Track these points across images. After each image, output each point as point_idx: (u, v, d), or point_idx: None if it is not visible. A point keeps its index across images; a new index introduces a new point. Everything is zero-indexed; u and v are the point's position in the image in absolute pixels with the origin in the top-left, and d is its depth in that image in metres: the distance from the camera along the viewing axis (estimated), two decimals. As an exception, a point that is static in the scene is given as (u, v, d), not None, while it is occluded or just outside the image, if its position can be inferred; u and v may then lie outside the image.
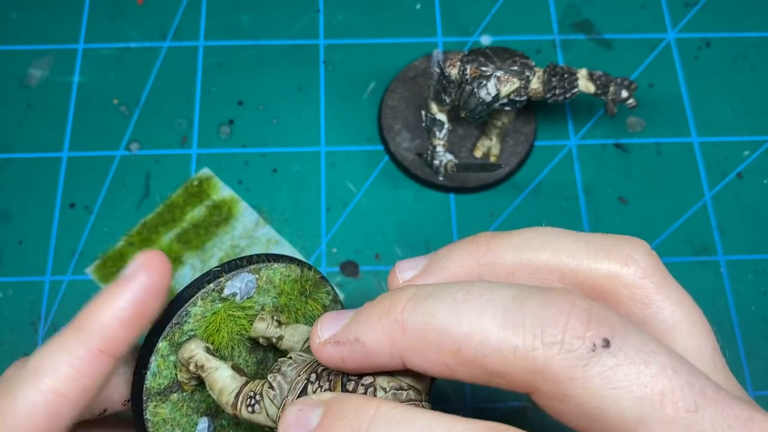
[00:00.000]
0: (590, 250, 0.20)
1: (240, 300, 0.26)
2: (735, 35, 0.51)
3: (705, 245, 0.44)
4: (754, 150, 0.47)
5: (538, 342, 0.16)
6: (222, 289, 0.25)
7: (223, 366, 0.25)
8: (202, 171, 0.45)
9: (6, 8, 0.50)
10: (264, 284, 0.26)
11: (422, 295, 0.18)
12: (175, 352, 0.25)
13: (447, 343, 0.17)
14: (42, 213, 0.44)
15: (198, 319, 0.25)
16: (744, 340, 0.42)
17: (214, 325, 0.26)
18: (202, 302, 0.25)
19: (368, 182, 0.45)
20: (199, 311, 0.25)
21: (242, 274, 0.25)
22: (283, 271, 0.27)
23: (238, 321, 0.26)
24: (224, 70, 0.49)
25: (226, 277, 0.25)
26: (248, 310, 0.26)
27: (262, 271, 0.26)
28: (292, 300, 0.28)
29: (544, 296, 0.17)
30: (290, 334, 0.26)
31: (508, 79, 0.39)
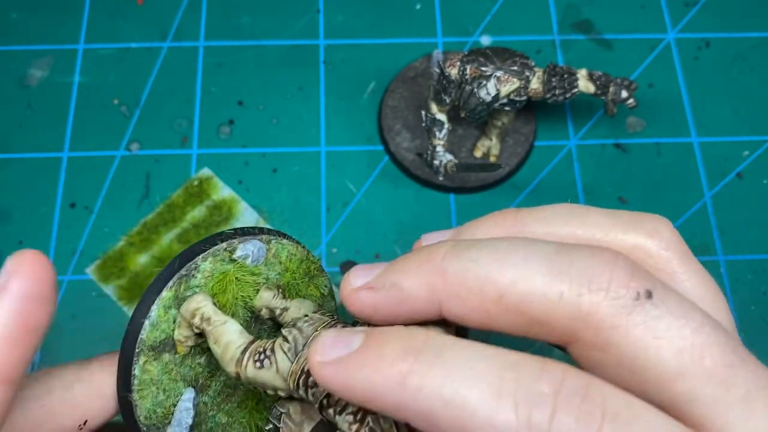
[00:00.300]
0: (617, 223, 0.20)
1: (251, 264, 0.25)
2: (735, 35, 0.51)
3: (705, 245, 0.44)
4: (754, 150, 0.47)
5: (584, 288, 0.16)
6: (234, 250, 0.24)
7: (231, 320, 0.24)
8: (203, 171, 0.45)
9: (6, 8, 0.50)
10: (271, 257, 0.26)
11: (464, 244, 0.18)
12: (177, 306, 0.24)
13: (489, 290, 0.17)
14: (42, 213, 0.44)
15: (206, 275, 0.24)
16: (744, 341, 0.42)
17: (221, 284, 0.25)
18: (213, 259, 0.24)
19: (368, 182, 0.46)
20: (209, 267, 0.24)
21: (254, 240, 0.25)
22: (291, 249, 0.26)
23: (245, 286, 0.25)
24: (224, 70, 0.49)
25: (239, 240, 0.24)
26: (257, 276, 0.26)
27: (272, 243, 0.25)
28: (297, 279, 0.27)
29: (589, 250, 0.17)
30: (296, 307, 0.25)
31: (508, 79, 0.39)
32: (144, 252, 0.43)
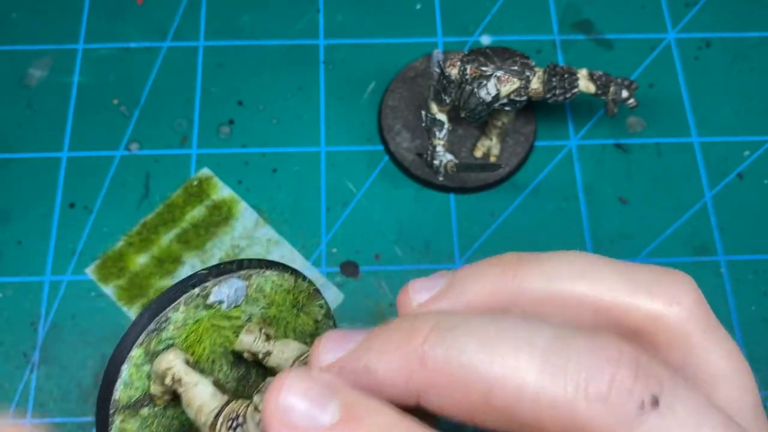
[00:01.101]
0: (630, 285, 0.18)
1: (226, 308, 0.24)
2: (735, 35, 0.51)
3: (705, 245, 0.44)
4: (755, 150, 0.47)
5: (581, 393, 0.14)
6: (208, 294, 0.23)
7: (203, 381, 0.23)
8: (202, 171, 0.45)
9: (6, 8, 0.50)
10: (254, 293, 0.24)
11: (447, 325, 0.15)
12: (150, 362, 0.23)
13: (476, 384, 0.15)
14: (41, 213, 0.44)
15: (179, 326, 0.23)
16: (744, 341, 0.42)
17: (196, 334, 0.23)
18: (185, 308, 0.23)
19: (368, 182, 0.45)
20: (181, 318, 0.23)
21: (231, 279, 0.23)
22: (276, 280, 0.25)
23: (222, 332, 0.24)
24: (224, 70, 0.49)
25: (213, 282, 0.23)
26: (234, 320, 0.24)
27: (253, 278, 0.24)
28: (283, 312, 0.25)
29: (590, 340, 0.15)
30: (279, 350, 0.24)
31: (508, 79, 0.39)
32: (144, 252, 0.42)
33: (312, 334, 0.27)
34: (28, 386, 0.39)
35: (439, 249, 0.44)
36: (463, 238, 0.44)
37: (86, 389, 0.39)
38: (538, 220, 0.45)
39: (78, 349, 0.40)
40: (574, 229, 0.44)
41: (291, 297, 0.26)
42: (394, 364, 0.15)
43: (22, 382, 0.39)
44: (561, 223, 0.45)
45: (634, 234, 0.44)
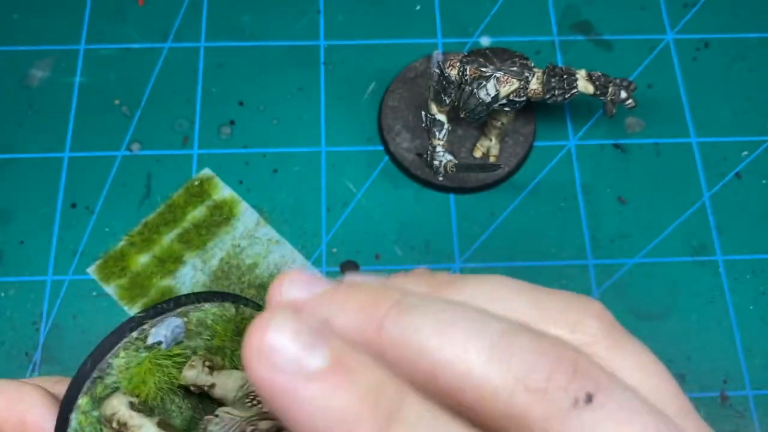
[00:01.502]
0: (537, 314, 0.19)
1: (167, 347, 0.24)
2: (734, 36, 0.51)
3: (703, 245, 0.44)
4: (753, 150, 0.47)
5: (520, 386, 0.15)
6: (146, 337, 0.23)
7: (147, 424, 0.23)
8: (203, 171, 0.46)
9: (7, 9, 0.50)
10: (194, 327, 0.25)
11: (408, 304, 0.16)
12: (99, 408, 0.23)
13: (424, 365, 0.15)
14: (43, 213, 0.44)
15: (122, 370, 0.23)
16: (742, 340, 0.42)
17: (139, 376, 0.24)
18: (125, 352, 0.23)
19: (368, 182, 0.46)
20: (123, 362, 0.23)
21: (168, 319, 0.24)
22: (216, 311, 0.25)
23: (165, 370, 0.24)
24: (225, 70, 0.49)
25: (150, 324, 0.23)
26: (177, 357, 0.25)
27: (191, 314, 0.24)
28: (226, 342, 0.26)
29: (536, 339, 0.16)
30: (222, 382, 0.25)
31: (507, 79, 0.39)
32: (145, 252, 0.43)
33: None
34: (30, 385, 0.39)
35: (438, 249, 0.44)
36: (463, 238, 0.44)
37: (88, 388, 0.39)
38: (537, 220, 0.45)
39: (79, 348, 0.41)
40: (573, 229, 0.45)
41: (232, 326, 0.26)
42: (353, 324, 0.16)
43: (24, 381, 0.40)
44: (560, 223, 0.45)
45: (633, 234, 0.44)
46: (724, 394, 0.41)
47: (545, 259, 0.44)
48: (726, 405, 0.40)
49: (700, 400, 0.40)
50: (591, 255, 0.44)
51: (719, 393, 0.41)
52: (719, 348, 0.42)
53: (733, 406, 0.40)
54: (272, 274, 0.43)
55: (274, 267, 0.43)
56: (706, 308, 0.43)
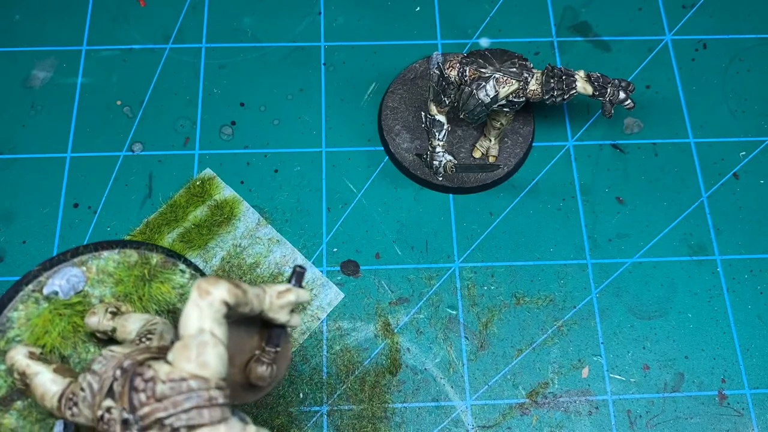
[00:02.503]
0: None
1: (65, 297, 0.24)
2: (731, 37, 0.51)
3: (701, 245, 0.45)
4: (751, 151, 0.47)
5: None
6: (42, 288, 0.24)
7: (43, 370, 0.23)
8: (205, 171, 0.46)
9: (10, 10, 0.51)
10: (96, 275, 0.25)
11: None
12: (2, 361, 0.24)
13: None
14: (46, 213, 0.44)
15: (23, 323, 0.24)
16: (740, 339, 0.42)
17: (41, 327, 0.24)
18: (24, 305, 0.24)
19: (368, 182, 0.46)
20: (23, 315, 0.24)
21: (64, 269, 0.24)
22: (116, 258, 0.25)
23: (68, 319, 0.25)
24: (226, 71, 0.49)
25: (46, 275, 0.24)
26: (78, 306, 0.25)
27: (90, 262, 0.25)
28: (129, 287, 0.26)
29: None
30: (121, 326, 0.25)
31: (506, 80, 0.39)
32: (146, 251, 0.43)
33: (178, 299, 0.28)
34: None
35: (438, 248, 0.44)
36: (462, 238, 0.44)
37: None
38: (536, 219, 0.45)
39: (82, 347, 0.41)
40: (572, 229, 0.45)
41: (137, 271, 0.26)
42: None
43: (27, 380, 0.40)
44: (559, 223, 0.45)
45: (631, 233, 0.45)
46: (722, 393, 0.41)
47: (544, 259, 0.44)
48: (724, 404, 0.41)
49: (698, 399, 0.41)
50: (589, 254, 0.44)
51: (717, 392, 0.41)
52: (717, 347, 0.42)
53: (731, 404, 0.41)
54: (273, 273, 0.43)
55: (275, 266, 0.43)
56: (704, 307, 0.43)
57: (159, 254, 0.26)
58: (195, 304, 0.20)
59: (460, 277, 0.43)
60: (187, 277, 0.28)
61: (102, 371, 0.22)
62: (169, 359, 0.20)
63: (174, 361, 0.20)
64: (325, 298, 0.42)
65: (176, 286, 0.27)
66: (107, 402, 0.21)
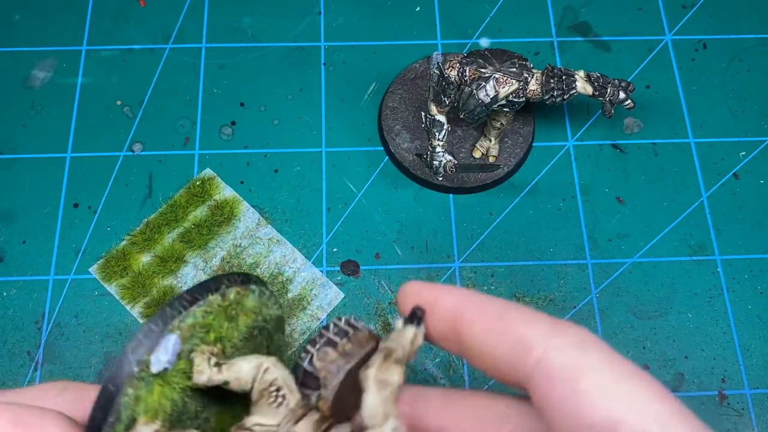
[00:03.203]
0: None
1: (172, 367, 0.24)
2: (731, 37, 0.51)
3: (701, 245, 0.45)
4: (751, 151, 0.47)
5: None
6: (149, 366, 0.23)
7: None
8: (205, 171, 0.46)
9: (10, 10, 0.51)
10: (188, 331, 0.25)
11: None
12: None
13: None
14: (46, 213, 0.44)
15: (133, 404, 0.23)
16: (740, 339, 0.42)
17: (154, 402, 0.24)
18: (132, 389, 0.23)
19: (368, 182, 0.46)
20: (132, 395, 0.23)
21: (163, 341, 0.24)
22: (205, 309, 0.25)
23: (177, 386, 0.25)
24: (226, 71, 0.49)
25: (146, 351, 0.23)
26: (182, 368, 0.25)
27: (183, 322, 0.24)
28: (222, 332, 0.26)
29: None
30: (234, 378, 0.25)
31: (506, 80, 0.39)
32: (146, 251, 0.43)
33: (261, 329, 0.28)
34: (32, 384, 0.40)
35: (438, 248, 0.44)
36: (462, 238, 0.44)
37: (90, 387, 0.40)
38: (536, 219, 0.45)
39: (81, 347, 0.41)
40: (572, 229, 0.45)
41: (222, 315, 0.26)
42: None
43: (26, 381, 0.40)
44: (559, 223, 0.45)
45: (631, 233, 0.45)
46: (722, 393, 0.41)
47: (544, 259, 0.44)
48: (724, 404, 0.41)
49: (698, 399, 0.41)
50: (589, 254, 0.44)
51: (717, 392, 0.41)
52: (717, 347, 0.42)
53: (731, 404, 0.41)
54: (273, 273, 0.43)
55: (274, 266, 0.43)
56: (704, 307, 0.43)
57: (235, 287, 0.26)
58: (376, 396, 0.23)
59: (460, 277, 0.43)
60: (257, 296, 0.27)
61: None
62: None
63: None
64: (325, 298, 0.42)
65: (254, 311, 0.27)
66: None
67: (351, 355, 0.25)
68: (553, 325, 0.22)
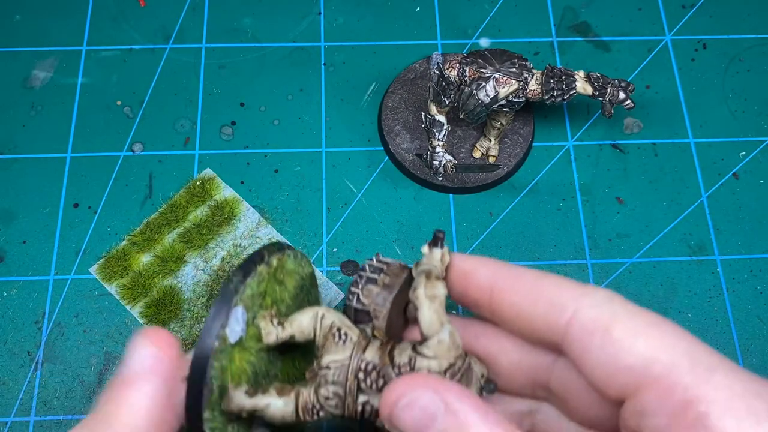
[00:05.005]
0: None
1: (244, 334, 0.27)
2: (731, 37, 0.51)
3: (701, 245, 0.45)
4: (750, 151, 0.47)
5: None
6: (226, 339, 0.26)
7: (272, 400, 0.26)
8: (205, 171, 0.46)
9: (10, 10, 0.51)
10: (249, 301, 0.27)
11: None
12: (220, 410, 0.26)
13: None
14: (46, 213, 0.44)
15: (222, 372, 0.26)
16: (740, 339, 0.42)
17: (237, 368, 0.27)
18: (218, 362, 0.26)
19: (368, 182, 0.46)
20: (218, 366, 0.26)
21: (232, 314, 0.26)
22: (256, 280, 0.28)
23: (252, 349, 0.27)
24: (226, 71, 0.49)
25: (221, 325, 0.26)
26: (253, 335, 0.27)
27: (242, 296, 0.27)
28: (276, 296, 0.29)
29: None
30: (298, 331, 0.28)
31: (506, 80, 0.39)
32: (147, 251, 0.43)
33: (302, 286, 0.31)
34: (32, 384, 0.40)
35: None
36: (462, 238, 0.44)
37: (89, 387, 0.40)
38: (536, 219, 0.45)
39: (81, 347, 0.41)
40: (572, 229, 0.45)
41: (273, 280, 0.29)
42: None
43: (26, 380, 0.40)
44: (558, 223, 0.45)
45: (631, 233, 0.45)
46: (721, 393, 0.41)
47: (544, 259, 0.44)
48: (724, 403, 0.41)
49: (697, 399, 0.41)
50: (589, 254, 0.44)
51: (717, 391, 0.41)
52: (717, 347, 0.42)
53: (730, 404, 0.41)
54: (273, 273, 0.43)
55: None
56: (703, 307, 0.43)
57: (275, 255, 0.29)
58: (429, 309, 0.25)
59: (460, 277, 0.43)
60: (293, 258, 0.30)
61: (340, 380, 0.26)
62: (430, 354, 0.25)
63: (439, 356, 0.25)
64: (325, 297, 0.42)
65: (296, 272, 0.30)
66: (362, 398, 0.26)
67: (391, 286, 0.29)
68: (582, 288, 0.25)
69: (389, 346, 0.27)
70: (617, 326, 0.24)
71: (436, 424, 0.22)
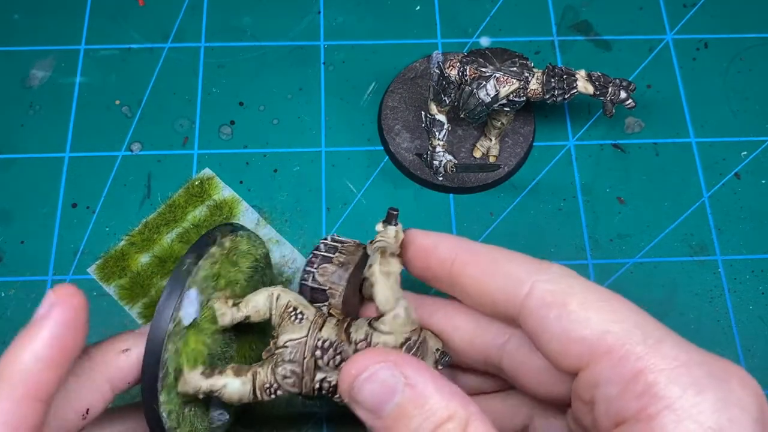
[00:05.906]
0: None
1: (199, 316, 0.27)
2: (733, 36, 0.51)
3: (703, 245, 0.44)
4: (752, 150, 0.47)
5: None
6: (180, 321, 0.26)
7: (229, 380, 0.27)
8: (204, 171, 0.46)
9: (8, 9, 0.51)
10: (202, 283, 0.27)
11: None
12: (176, 392, 0.26)
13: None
14: (44, 213, 0.44)
15: (177, 354, 0.26)
16: (741, 340, 0.42)
17: (193, 350, 0.27)
18: (172, 345, 0.26)
19: (368, 182, 0.46)
20: (172, 349, 0.26)
21: (185, 296, 0.26)
22: (208, 261, 0.28)
23: (207, 330, 0.27)
24: (225, 71, 0.49)
25: (175, 308, 0.26)
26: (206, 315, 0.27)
27: (195, 278, 0.27)
28: (229, 275, 0.29)
29: None
30: (253, 311, 0.28)
31: (507, 80, 0.39)
32: (145, 252, 0.43)
33: (257, 267, 0.31)
34: (31, 385, 0.40)
35: (438, 248, 0.44)
36: (463, 238, 0.44)
37: (88, 388, 0.40)
38: (536, 219, 0.45)
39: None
40: (573, 229, 0.45)
41: (226, 262, 0.29)
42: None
43: (25, 381, 0.40)
44: (559, 223, 0.45)
45: (632, 233, 0.45)
46: (723, 394, 0.41)
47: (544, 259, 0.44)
48: (725, 404, 0.40)
49: (699, 400, 0.40)
50: (590, 255, 0.44)
51: (718, 392, 0.41)
52: (718, 348, 0.42)
53: (732, 405, 0.40)
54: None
55: (274, 267, 0.43)
56: (705, 308, 0.43)
57: (228, 236, 0.29)
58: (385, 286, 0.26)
59: (461, 278, 0.43)
60: (246, 239, 0.30)
61: (298, 358, 0.26)
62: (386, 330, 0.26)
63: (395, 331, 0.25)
64: (325, 298, 0.42)
65: (250, 252, 0.30)
66: (319, 375, 0.27)
67: (347, 264, 0.30)
68: (539, 264, 0.27)
69: (345, 323, 0.27)
70: (572, 300, 0.24)
71: (396, 397, 0.23)
